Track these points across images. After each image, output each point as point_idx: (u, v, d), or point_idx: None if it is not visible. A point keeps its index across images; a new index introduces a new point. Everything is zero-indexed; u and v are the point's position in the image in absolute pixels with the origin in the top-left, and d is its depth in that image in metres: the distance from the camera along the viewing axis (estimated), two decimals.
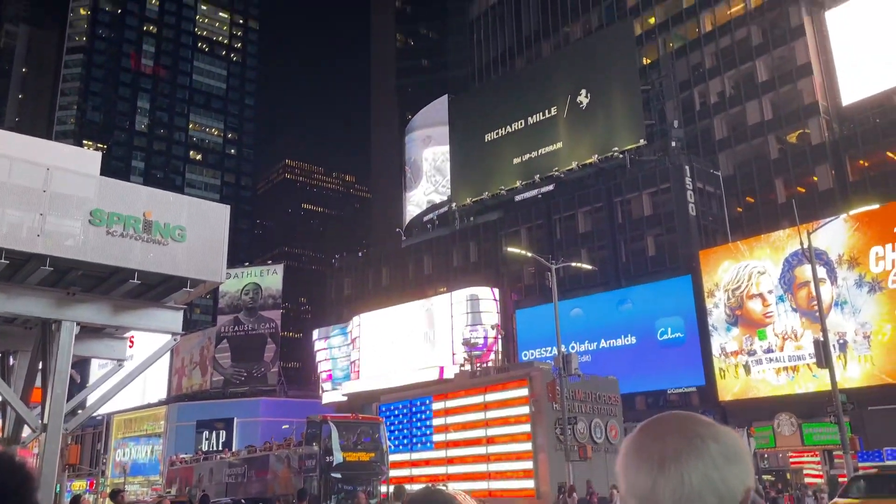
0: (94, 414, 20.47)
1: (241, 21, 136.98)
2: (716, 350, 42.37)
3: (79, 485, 63.72)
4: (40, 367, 13.74)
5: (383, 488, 28.93)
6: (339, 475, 27.97)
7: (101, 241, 12.11)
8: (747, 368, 40.94)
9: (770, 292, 40.35)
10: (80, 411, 14.86)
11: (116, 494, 15.24)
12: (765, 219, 50.94)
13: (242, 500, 30.72)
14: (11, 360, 15.57)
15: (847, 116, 51.15)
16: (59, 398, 12.35)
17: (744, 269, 41.61)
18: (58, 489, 19.30)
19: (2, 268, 11.65)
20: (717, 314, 42.44)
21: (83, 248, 11.99)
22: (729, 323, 41.82)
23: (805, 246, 27.24)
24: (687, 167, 49.45)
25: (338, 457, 27.52)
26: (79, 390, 15.60)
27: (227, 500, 31.10)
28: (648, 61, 62.23)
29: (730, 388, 41.46)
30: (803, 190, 51.06)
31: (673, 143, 53.16)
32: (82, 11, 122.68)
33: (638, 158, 53.48)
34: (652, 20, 63.64)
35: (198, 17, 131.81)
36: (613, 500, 25.65)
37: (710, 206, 51.20)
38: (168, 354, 60.62)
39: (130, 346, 15.59)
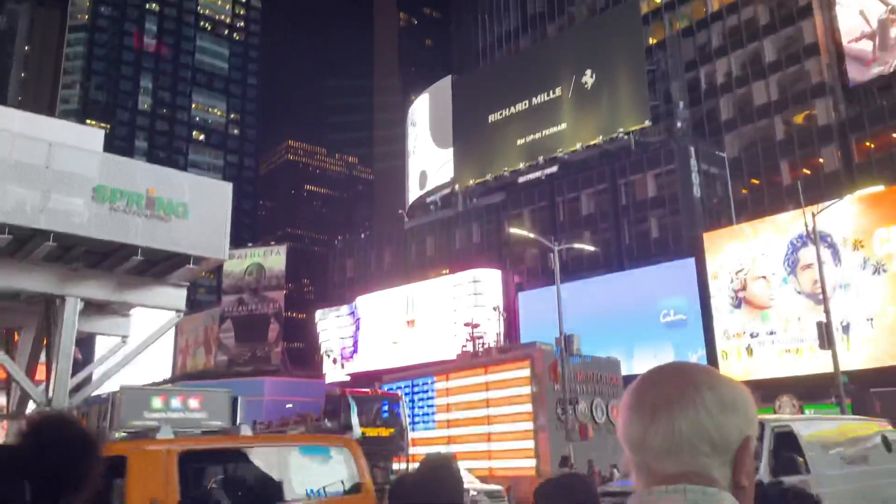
0: (99, 392, 20.64)
1: (243, 0, 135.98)
2: (719, 332, 42.37)
3: None
4: (44, 343, 13.81)
5: (396, 465, 28.74)
6: None
7: (104, 217, 12.10)
8: (750, 350, 40.97)
9: (774, 274, 40.27)
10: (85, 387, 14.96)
11: None
12: (769, 201, 50.71)
13: None
14: (16, 337, 15.64)
15: (853, 97, 50.77)
16: (64, 374, 12.42)
17: (747, 251, 41.51)
18: None
19: (5, 244, 11.66)
20: (720, 296, 42.42)
21: (87, 225, 11.98)
22: (732, 305, 41.80)
23: (810, 228, 27.12)
24: (692, 149, 49.16)
25: (357, 432, 27.13)
26: (81, 368, 15.68)
27: None
28: (654, 41, 61.63)
29: (732, 369, 41.49)
30: (809, 172, 50.80)
31: (678, 125, 52.91)
32: None
33: (643, 140, 53.20)
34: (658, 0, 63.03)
35: None
36: (613, 478, 25.79)
37: (715, 187, 50.97)
38: (172, 333, 60.84)
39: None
